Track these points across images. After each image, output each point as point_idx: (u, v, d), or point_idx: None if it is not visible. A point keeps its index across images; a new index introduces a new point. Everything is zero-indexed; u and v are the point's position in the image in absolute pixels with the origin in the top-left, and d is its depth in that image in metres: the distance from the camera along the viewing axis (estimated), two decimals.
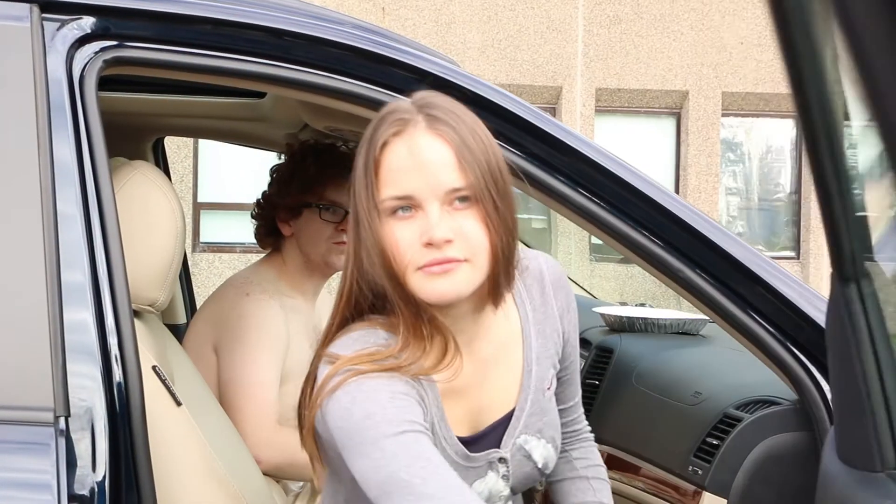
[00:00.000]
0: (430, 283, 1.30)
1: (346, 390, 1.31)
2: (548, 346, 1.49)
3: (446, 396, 1.40)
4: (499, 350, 1.45)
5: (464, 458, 1.41)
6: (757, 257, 1.66)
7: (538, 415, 1.47)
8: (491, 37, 11.34)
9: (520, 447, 1.46)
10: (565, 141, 1.66)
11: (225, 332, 2.37)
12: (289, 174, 2.51)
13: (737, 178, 12.46)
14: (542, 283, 1.50)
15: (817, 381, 1.59)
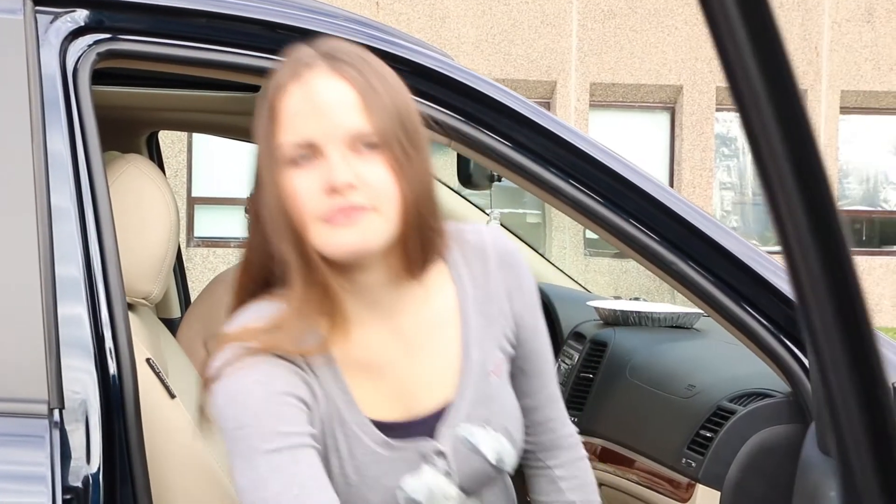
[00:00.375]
0: (334, 235, 1.19)
1: (224, 385, 1.21)
2: (492, 328, 1.33)
3: (358, 375, 1.27)
4: (431, 328, 1.31)
5: (384, 445, 1.27)
6: (750, 250, 1.67)
7: (484, 403, 1.31)
8: (485, 31, 11.33)
9: (463, 439, 1.30)
10: (559, 134, 1.66)
11: (216, 328, 2.36)
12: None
13: (731, 173, 12.48)
14: (484, 258, 1.35)
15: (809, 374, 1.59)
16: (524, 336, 1.38)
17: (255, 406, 1.19)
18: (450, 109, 1.64)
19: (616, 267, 11.10)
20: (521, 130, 1.66)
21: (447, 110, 1.64)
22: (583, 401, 2.27)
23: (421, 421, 1.30)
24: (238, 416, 1.19)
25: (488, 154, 1.67)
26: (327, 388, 1.25)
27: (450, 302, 1.33)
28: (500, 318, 1.35)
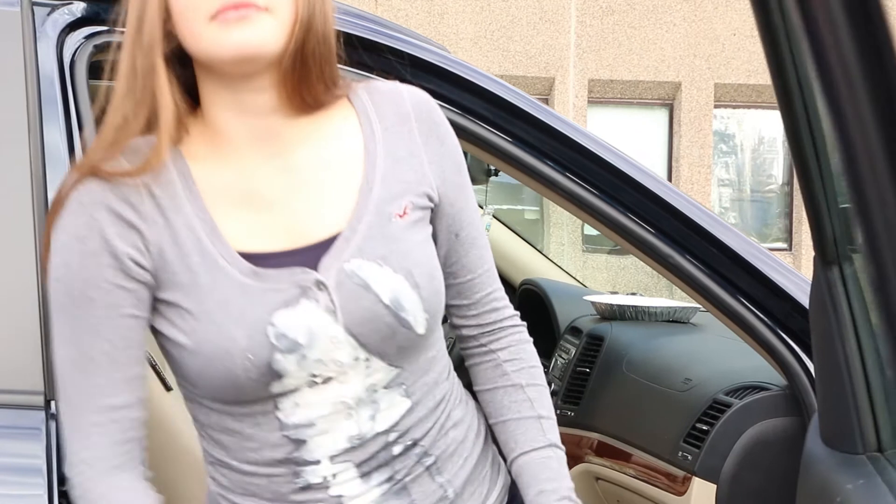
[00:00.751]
0: (225, 34, 1.09)
1: (54, 229, 1.15)
2: (402, 171, 1.22)
3: (234, 206, 1.17)
4: (328, 167, 1.20)
5: (251, 275, 1.14)
6: (748, 244, 1.67)
7: (381, 241, 1.17)
8: (484, 27, 11.33)
9: (351, 273, 1.15)
10: (556, 127, 1.66)
11: None
12: None
13: (729, 170, 12.49)
14: (399, 105, 1.25)
15: (806, 367, 1.59)
16: (450, 194, 1.26)
17: (71, 264, 1.13)
18: (447, 103, 1.64)
19: (614, 263, 11.10)
20: (518, 124, 1.66)
21: (444, 103, 1.64)
22: (579, 395, 2.28)
23: (302, 251, 1.17)
24: (56, 268, 1.14)
25: (485, 148, 1.67)
26: (188, 219, 1.15)
27: (355, 146, 1.22)
28: (412, 163, 1.23)
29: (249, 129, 1.17)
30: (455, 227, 1.28)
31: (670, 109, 12.00)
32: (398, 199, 1.20)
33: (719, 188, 12.38)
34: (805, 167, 1.25)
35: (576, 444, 2.23)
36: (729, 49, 11.74)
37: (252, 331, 1.12)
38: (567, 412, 2.28)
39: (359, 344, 1.16)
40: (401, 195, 1.21)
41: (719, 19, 11.72)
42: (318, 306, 1.14)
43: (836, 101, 0.78)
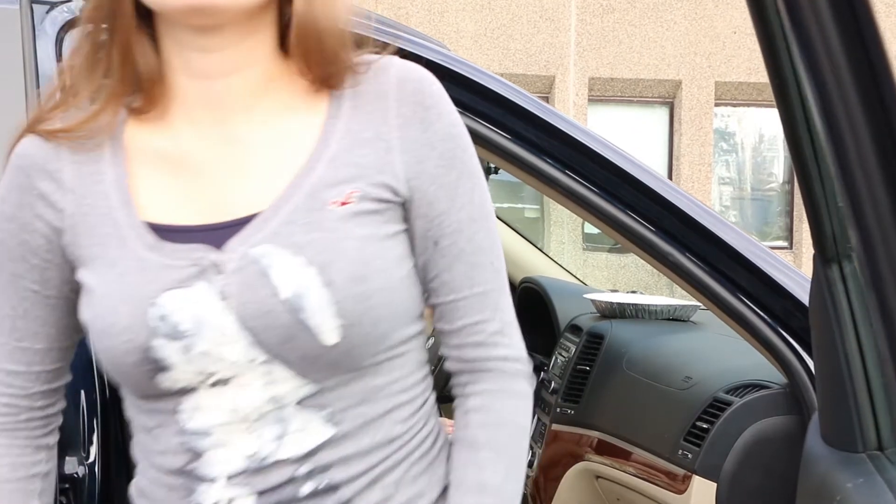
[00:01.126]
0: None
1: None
2: (359, 154, 1.03)
3: (160, 170, 1.05)
4: (281, 139, 1.04)
5: (151, 249, 1.01)
6: (748, 242, 1.67)
7: (302, 227, 0.99)
8: (484, 25, 11.33)
9: (255, 258, 0.98)
10: (556, 125, 1.66)
11: None
12: None
13: (730, 168, 12.48)
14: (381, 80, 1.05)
15: (807, 365, 1.59)
16: (428, 191, 1.04)
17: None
18: None
19: (614, 262, 11.10)
20: (518, 121, 1.65)
21: None
22: (579, 393, 2.27)
23: (216, 227, 1.02)
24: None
25: (486, 145, 1.67)
26: (105, 187, 1.05)
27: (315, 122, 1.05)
28: (378, 152, 1.03)
29: (200, 92, 1.03)
30: (434, 233, 1.05)
31: (671, 107, 11.99)
32: (342, 185, 1.01)
33: (720, 186, 12.37)
34: (804, 165, 1.24)
35: (576, 442, 2.23)
36: (729, 47, 11.74)
37: (134, 309, 0.99)
38: (567, 410, 2.28)
39: (255, 342, 0.99)
40: (348, 181, 1.01)
41: (720, 17, 11.71)
42: (211, 291, 0.99)
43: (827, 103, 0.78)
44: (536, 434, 2.46)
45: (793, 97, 1.14)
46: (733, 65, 11.77)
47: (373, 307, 0.99)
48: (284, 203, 1.01)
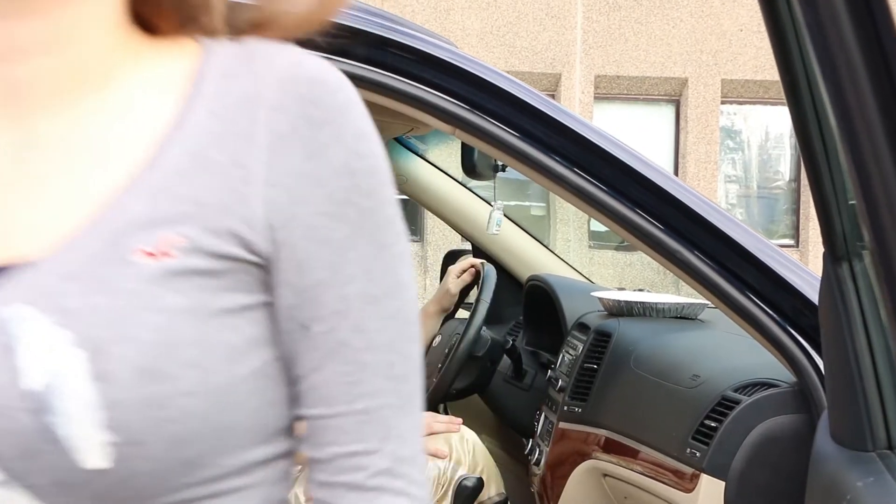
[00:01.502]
0: None
1: None
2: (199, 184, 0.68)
3: None
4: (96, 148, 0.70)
5: None
6: (756, 240, 1.66)
7: (84, 285, 0.65)
8: (490, 23, 11.32)
9: (2, 322, 0.65)
10: (563, 122, 1.65)
11: None
12: None
13: (736, 166, 12.48)
14: (256, 78, 0.70)
15: (815, 364, 1.59)
16: (300, 248, 0.69)
17: None
18: (454, 97, 1.64)
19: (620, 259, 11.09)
20: (525, 119, 1.65)
21: (451, 98, 1.64)
22: (587, 392, 2.27)
23: None
24: None
25: (492, 143, 1.66)
26: None
27: (149, 128, 0.70)
28: (230, 183, 0.68)
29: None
30: (303, 314, 0.70)
31: (677, 105, 11.98)
32: (161, 228, 0.67)
33: (726, 184, 12.36)
34: (814, 162, 1.24)
35: (583, 440, 2.23)
36: (736, 45, 11.72)
37: None
38: (574, 409, 2.28)
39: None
40: (172, 222, 0.67)
41: (726, 15, 11.70)
42: None
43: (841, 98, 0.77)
44: (543, 432, 2.46)
45: (803, 93, 1.14)
46: (739, 62, 11.76)
47: (171, 420, 0.65)
48: (70, 248, 0.67)
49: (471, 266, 2.87)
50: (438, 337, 2.82)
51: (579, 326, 2.54)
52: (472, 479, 2.43)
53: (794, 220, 12.21)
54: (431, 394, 2.58)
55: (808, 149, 1.22)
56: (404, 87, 1.63)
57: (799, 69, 1.11)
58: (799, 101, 1.16)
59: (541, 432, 2.48)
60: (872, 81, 0.75)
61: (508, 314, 3.16)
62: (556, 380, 2.45)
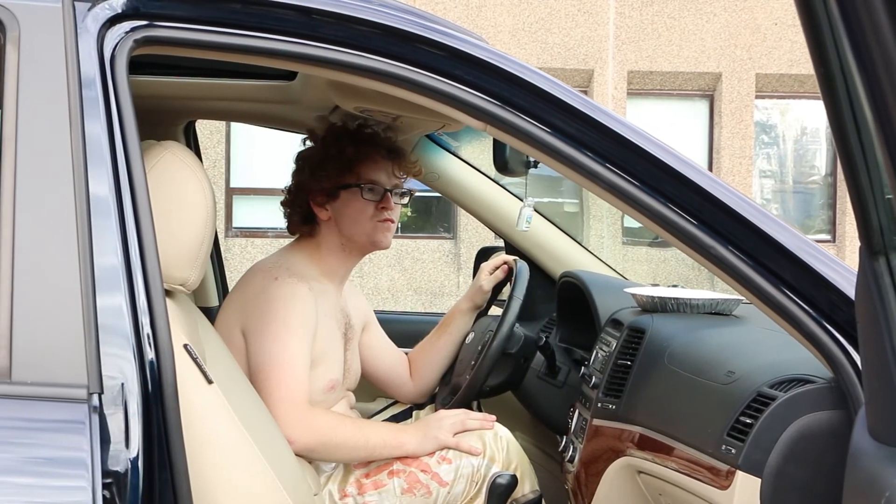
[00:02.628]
0: None
1: None
2: None
3: None
4: None
5: None
6: (792, 235, 1.65)
7: None
8: (522, 20, 11.30)
9: None
10: (596, 117, 1.65)
11: (253, 316, 2.38)
12: (321, 158, 2.52)
13: (771, 161, 12.37)
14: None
15: (853, 359, 1.57)
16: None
17: None
18: (486, 94, 1.64)
19: (654, 255, 11.04)
20: (557, 114, 1.64)
21: (483, 94, 1.64)
22: (621, 388, 2.26)
23: None
24: None
25: (525, 139, 1.66)
26: None
27: None
28: None
29: None
30: None
31: (711, 100, 11.90)
32: None
33: (761, 179, 12.27)
34: (850, 156, 1.23)
35: (617, 437, 2.22)
36: (770, 39, 11.62)
37: None
38: (608, 405, 2.27)
39: None
40: None
41: (760, 9, 11.60)
42: None
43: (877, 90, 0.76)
44: (577, 429, 2.45)
45: (838, 86, 1.13)
46: (774, 56, 11.66)
47: None
48: None
49: (503, 263, 2.87)
50: (472, 334, 2.82)
51: (613, 323, 2.52)
52: (506, 476, 2.43)
53: (830, 215, 12.10)
54: (465, 390, 2.57)
55: (843, 143, 1.20)
56: (436, 83, 1.63)
57: (834, 62, 1.10)
58: (834, 94, 1.14)
59: (574, 429, 2.47)
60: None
61: (541, 311, 3.15)
62: (589, 376, 2.44)
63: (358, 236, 2.51)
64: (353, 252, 2.56)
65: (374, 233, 2.52)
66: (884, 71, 0.72)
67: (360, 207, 2.49)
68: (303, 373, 2.33)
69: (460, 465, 2.41)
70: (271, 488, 1.74)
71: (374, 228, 2.51)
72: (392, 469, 2.42)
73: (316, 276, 2.50)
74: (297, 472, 2.01)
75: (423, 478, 2.40)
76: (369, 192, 2.49)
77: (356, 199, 2.49)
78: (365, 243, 2.54)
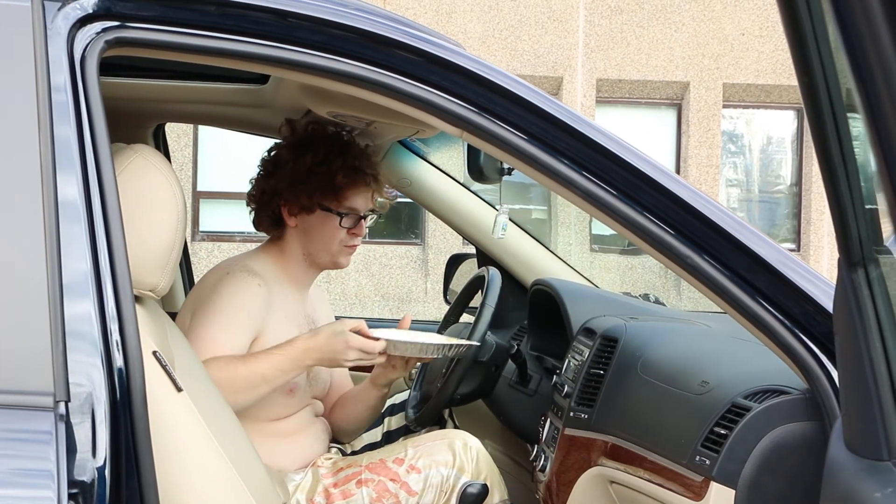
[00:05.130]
0: None
1: None
2: None
3: None
4: None
5: None
6: (767, 244, 1.64)
7: None
8: (492, 27, 11.31)
9: None
10: (572, 124, 1.64)
11: (199, 307, 2.37)
12: (305, 171, 2.47)
13: (737, 170, 12.46)
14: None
15: (827, 370, 1.57)
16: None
17: None
18: (463, 100, 1.62)
19: (622, 263, 11.07)
20: (535, 121, 1.63)
21: (458, 100, 1.62)
22: (594, 398, 2.25)
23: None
24: None
25: (501, 146, 1.65)
26: None
27: None
28: None
29: None
30: None
31: (679, 109, 11.96)
32: None
33: (727, 188, 12.34)
34: (831, 167, 1.22)
35: (589, 447, 2.21)
36: (738, 49, 11.71)
37: None
38: (581, 415, 2.25)
39: None
40: None
41: (728, 19, 11.68)
42: None
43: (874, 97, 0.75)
44: (549, 438, 2.43)
45: (821, 96, 1.12)
46: (741, 66, 11.74)
47: None
48: None
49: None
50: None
51: (585, 331, 2.51)
52: (476, 485, 2.41)
53: (795, 224, 12.19)
54: (435, 399, 2.55)
55: (824, 152, 1.20)
56: (412, 89, 1.62)
57: (817, 70, 1.09)
58: (816, 103, 1.14)
59: (546, 438, 2.46)
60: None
61: (513, 319, 3.14)
62: (561, 385, 2.43)
63: (321, 256, 2.50)
64: (313, 265, 2.54)
65: (338, 255, 2.51)
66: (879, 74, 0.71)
67: (333, 232, 2.47)
68: (218, 349, 2.29)
69: (429, 474, 2.39)
70: (239, 497, 1.72)
71: (339, 251, 2.50)
72: (361, 478, 2.40)
73: (279, 279, 2.48)
74: (265, 480, 1.98)
75: (392, 487, 2.38)
76: (346, 218, 2.46)
77: (331, 223, 2.46)
78: (326, 262, 2.53)
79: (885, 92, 0.66)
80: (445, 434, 2.51)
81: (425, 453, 2.42)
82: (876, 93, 0.68)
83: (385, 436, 2.74)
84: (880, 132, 0.71)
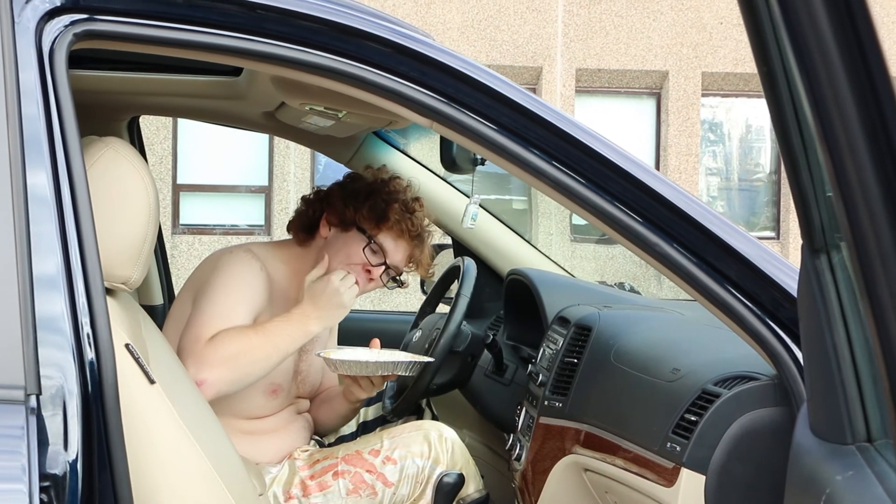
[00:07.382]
0: None
1: None
2: None
3: None
4: None
5: None
6: (736, 232, 1.66)
7: None
8: (471, 17, 11.31)
9: None
10: (542, 115, 1.65)
11: (203, 285, 2.38)
12: (366, 194, 2.49)
13: (717, 159, 12.50)
14: None
15: (795, 356, 1.58)
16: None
17: None
18: (432, 90, 1.63)
19: (602, 253, 11.10)
20: (503, 111, 1.64)
21: (429, 91, 1.63)
22: (567, 386, 2.26)
23: None
24: None
25: (470, 136, 1.65)
26: None
27: None
28: None
29: None
30: None
31: (658, 98, 11.99)
32: None
33: (707, 177, 12.38)
34: (792, 154, 1.23)
35: (564, 435, 2.22)
36: (716, 37, 11.74)
37: None
38: (555, 403, 2.27)
39: None
40: None
41: (706, 8, 11.71)
42: None
43: (818, 91, 0.76)
44: (524, 427, 2.45)
45: (781, 86, 1.13)
46: (720, 55, 11.77)
47: None
48: None
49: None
50: (419, 332, 2.81)
51: (559, 320, 2.53)
52: (452, 475, 2.42)
53: (774, 212, 12.25)
54: (412, 389, 2.56)
55: (785, 141, 1.21)
56: (381, 80, 1.62)
57: (776, 60, 1.10)
58: (776, 93, 1.15)
59: (522, 427, 2.47)
60: (847, 71, 0.74)
61: (489, 309, 3.15)
62: (536, 374, 2.44)
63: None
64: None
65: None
66: (822, 67, 0.72)
67: (355, 254, 2.46)
68: (227, 322, 2.29)
69: (405, 465, 2.40)
70: (215, 489, 1.72)
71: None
72: (337, 470, 2.40)
73: (284, 276, 2.48)
74: (241, 472, 1.98)
75: (369, 478, 2.39)
76: (371, 252, 2.46)
77: (357, 245, 2.46)
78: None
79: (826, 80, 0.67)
80: (421, 425, 2.52)
81: (401, 444, 2.43)
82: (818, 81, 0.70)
83: (361, 426, 2.74)
84: (823, 123, 0.72)
